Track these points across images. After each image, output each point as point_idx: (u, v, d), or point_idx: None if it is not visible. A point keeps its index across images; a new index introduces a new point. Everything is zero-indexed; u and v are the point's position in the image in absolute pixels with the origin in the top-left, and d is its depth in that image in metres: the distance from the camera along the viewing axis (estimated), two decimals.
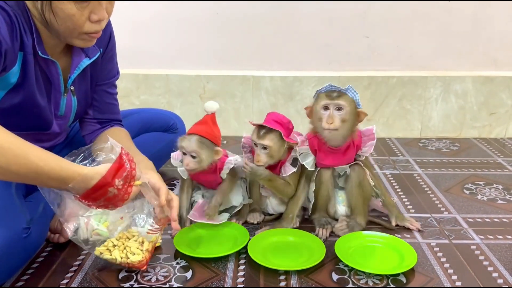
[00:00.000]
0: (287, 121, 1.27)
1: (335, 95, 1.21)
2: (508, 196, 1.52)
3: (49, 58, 1.09)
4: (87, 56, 1.20)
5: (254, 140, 1.25)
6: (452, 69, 2.10)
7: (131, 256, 1.07)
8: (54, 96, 1.17)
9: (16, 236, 1.01)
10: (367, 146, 1.28)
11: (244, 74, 2.11)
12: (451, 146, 2.03)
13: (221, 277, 1.08)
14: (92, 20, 1.04)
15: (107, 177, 0.95)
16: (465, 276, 1.09)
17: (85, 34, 1.06)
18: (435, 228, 1.31)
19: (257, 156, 1.25)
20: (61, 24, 1.02)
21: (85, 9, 1.01)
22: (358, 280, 1.07)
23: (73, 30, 1.04)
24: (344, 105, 1.20)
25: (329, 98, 1.21)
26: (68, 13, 1.00)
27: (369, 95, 2.10)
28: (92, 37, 1.08)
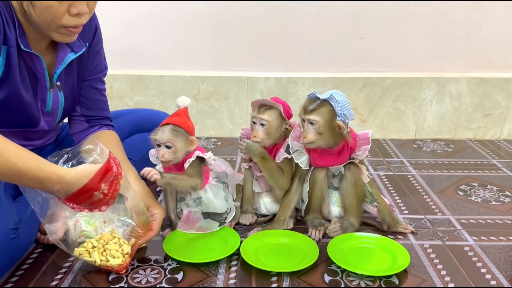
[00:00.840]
0: (288, 105, 1.30)
1: (311, 108, 1.19)
2: (502, 198, 1.52)
3: (32, 52, 1.08)
4: (73, 51, 1.18)
5: (254, 115, 1.27)
6: (446, 70, 2.10)
7: (111, 259, 1.06)
8: (40, 91, 1.16)
9: (4, 237, 1.00)
10: (361, 150, 1.27)
11: (238, 75, 2.10)
12: (445, 147, 2.03)
13: (212, 278, 1.07)
14: (71, 13, 1.01)
15: (94, 180, 0.94)
16: (458, 277, 1.08)
17: (64, 28, 1.04)
18: (429, 230, 1.30)
19: (254, 132, 1.26)
20: (39, 16, 1.00)
21: (64, 2, 0.99)
22: (350, 281, 1.06)
23: (51, 23, 1.02)
24: (316, 120, 1.18)
25: (304, 111, 1.20)
26: (46, 4, 0.98)
27: (363, 96, 2.09)
28: (71, 31, 1.05)
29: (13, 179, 0.89)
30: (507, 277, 1.08)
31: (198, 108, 2.13)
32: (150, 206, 1.20)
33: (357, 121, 2.11)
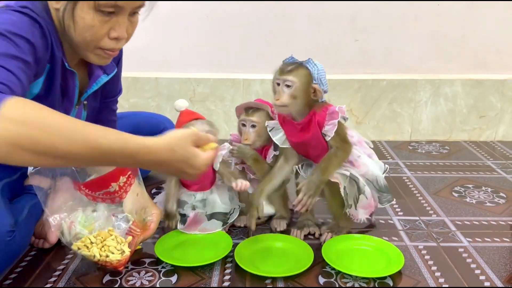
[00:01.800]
0: (271, 104, 1.28)
1: (288, 69, 1.15)
2: (497, 199, 1.52)
3: (71, 69, 1.09)
4: (105, 73, 1.20)
5: (243, 118, 1.26)
6: (442, 72, 2.11)
7: (111, 255, 1.06)
8: (65, 107, 1.16)
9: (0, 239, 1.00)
10: (330, 124, 1.19)
11: (234, 77, 2.10)
12: (440, 149, 2.03)
13: (206, 281, 1.07)
14: (110, 37, 1.03)
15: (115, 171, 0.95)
16: (452, 278, 1.08)
17: (101, 50, 1.05)
18: (423, 231, 1.30)
19: (245, 135, 1.26)
20: (79, 34, 1.01)
21: (106, 24, 1.00)
22: (344, 283, 1.06)
23: (90, 43, 1.02)
24: (294, 81, 1.13)
25: (280, 72, 1.16)
26: (88, 23, 0.99)
27: (359, 98, 2.10)
28: (107, 54, 1.06)
29: (102, 161, 0.83)
30: (500, 278, 1.08)
31: (194, 110, 2.12)
32: (147, 207, 1.20)
33: (353, 123, 2.11)
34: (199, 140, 0.91)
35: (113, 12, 0.99)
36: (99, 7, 0.97)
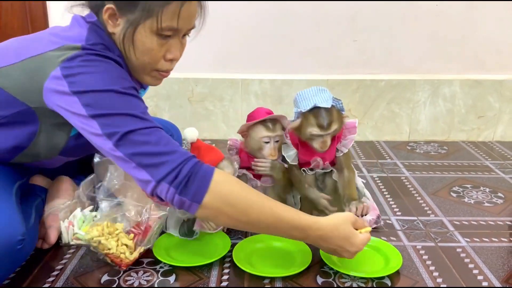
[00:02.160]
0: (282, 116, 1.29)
1: (326, 123, 1.16)
2: (495, 199, 1.52)
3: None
4: (142, 87, 1.21)
5: (266, 135, 1.22)
6: (440, 72, 2.11)
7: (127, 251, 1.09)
8: None
9: (11, 248, 0.99)
10: (347, 139, 1.25)
11: (233, 77, 2.10)
12: (439, 149, 2.03)
13: (204, 281, 1.07)
14: (166, 59, 1.06)
15: None
16: (450, 278, 1.08)
17: (156, 72, 1.08)
18: (421, 231, 1.30)
19: (270, 151, 1.24)
20: (138, 57, 1.04)
21: (163, 46, 1.04)
22: (343, 283, 1.06)
23: (147, 65, 1.06)
24: (336, 129, 1.19)
25: (322, 129, 1.17)
26: (147, 47, 1.03)
27: (357, 98, 2.10)
28: (162, 75, 1.10)
29: (279, 230, 1.00)
30: (498, 278, 1.08)
31: (192, 110, 2.13)
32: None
33: None
34: (356, 223, 1.05)
35: (170, 35, 1.03)
36: (160, 31, 1.01)
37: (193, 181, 0.93)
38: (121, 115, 0.95)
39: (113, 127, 0.94)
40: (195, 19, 1.08)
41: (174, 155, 0.95)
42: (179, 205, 0.96)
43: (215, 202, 0.95)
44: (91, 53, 0.99)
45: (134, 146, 0.94)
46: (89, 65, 0.98)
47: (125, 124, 0.94)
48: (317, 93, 1.19)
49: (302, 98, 1.20)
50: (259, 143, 1.22)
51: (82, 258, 1.16)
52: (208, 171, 0.95)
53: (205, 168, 0.96)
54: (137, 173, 0.96)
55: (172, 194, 0.94)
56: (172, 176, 0.93)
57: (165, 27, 1.00)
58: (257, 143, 1.22)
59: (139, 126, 0.95)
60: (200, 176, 0.94)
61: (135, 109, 0.97)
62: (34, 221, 1.15)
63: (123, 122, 0.95)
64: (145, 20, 0.99)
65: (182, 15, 1.01)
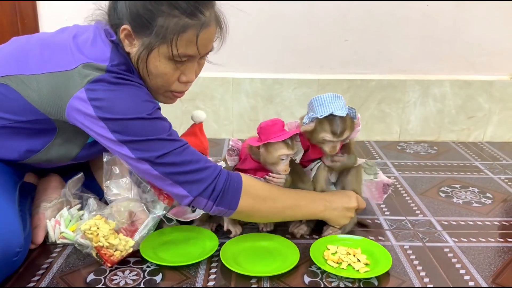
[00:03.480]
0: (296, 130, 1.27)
1: (340, 130, 1.18)
2: (484, 199, 1.53)
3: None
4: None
5: (287, 153, 1.20)
6: (430, 72, 2.11)
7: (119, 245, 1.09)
8: None
9: (8, 259, 0.99)
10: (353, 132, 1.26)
11: (224, 76, 2.10)
12: (429, 149, 2.04)
13: (191, 280, 1.07)
14: (181, 81, 1.07)
15: None
16: (437, 278, 1.09)
17: (170, 93, 1.09)
18: (409, 231, 1.31)
19: (286, 167, 1.22)
20: (151, 80, 1.05)
21: (177, 70, 1.04)
22: (329, 282, 1.06)
23: (161, 87, 1.07)
24: (347, 136, 1.21)
25: (334, 136, 1.19)
26: (161, 71, 1.03)
27: (348, 98, 2.10)
28: (175, 96, 1.11)
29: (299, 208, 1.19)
30: (485, 278, 1.09)
31: (183, 109, 2.12)
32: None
33: None
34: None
35: (185, 60, 1.03)
36: (175, 57, 1.00)
37: (228, 192, 1.05)
38: (150, 140, 0.99)
39: (144, 152, 1.00)
40: (213, 42, 1.09)
41: (207, 171, 1.04)
42: (217, 213, 1.09)
43: (248, 204, 1.09)
44: (116, 77, 1.00)
45: (169, 166, 1.01)
46: (114, 89, 0.99)
47: (156, 149, 1.00)
48: (333, 100, 1.19)
49: (319, 103, 1.20)
50: (276, 159, 1.22)
51: (68, 257, 1.15)
52: (238, 180, 1.08)
53: (235, 178, 1.08)
54: (173, 189, 1.04)
55: (211, 206, 1.06)
56: (209, 192, 1.04)
57: (181, 54, 1.00)
58: (274, 159, 1.21)
59: (170, 149, 1.01)
60: (233, 187, 1.06)
61: (163, 133, 1.01)
62: (29, 227, 1.14)
63: (153, 147, 1.00)
64: (159, 45, 0.99)
65: (199, 43, 1.01)
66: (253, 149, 1.24)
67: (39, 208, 1.24)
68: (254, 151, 1.24)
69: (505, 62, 2.11)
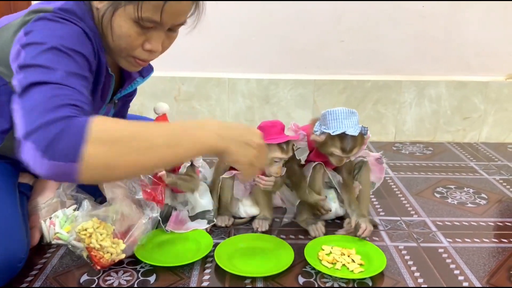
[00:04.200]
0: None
1: (349, 148, 1.18)
2: (478, 200, 1.53)
3: (111, 73, 1.09)
4: (141, 75, 1.19)
5: (280, 157, 1.21)
6: (426, 73, 2.12)
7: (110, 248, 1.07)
8: (98, 104, 1.14)
9: (12, 264, 0.99)
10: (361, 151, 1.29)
11: (219, 76, 2.09)
12: (424, 150, 2.04)
13: (185, 281, 1.06)
14: (145, 48, 1.02)
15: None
16: (431, 279, 1.09)
17: (133, 58, 1.04)
18: (404, 231, 1.31)
19: (278, 169, 1.23)
20: (114, 40, 1.00)
21: (142, 35, 0.99)
22: (324, 283, 1.06)
23: (123, 50, 1.02)
24: (356, 152, 1.21)
25: (344, 152, 1.19)
26: (125, 32, 0.98)
27: (344, 99, 2.10)
28: (138, 63, 1.06)
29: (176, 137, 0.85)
30: (479, 279, 1.09)
31: (178, 109, 2.12)
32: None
33: None
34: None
35: (151, 26, 0.99)
36: (139, 20, 0.96)
37: (62, 139, 0.74)
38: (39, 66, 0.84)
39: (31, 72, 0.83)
40: (185, 16, 1.04)
41: (58, 111, 0.78)
42: (54, 174, 0.76)
43: (99, 153, 0.76)
44: (59, 16, 0.93)
45: (32, 90, 0.81)
46: (52, 24, 0.91)
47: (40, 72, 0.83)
48: (347, 117, 1.18)
49: (333, 118, 1.19)
50: (269, 160, 1.23)
51: (62, 258, 1.15)
52: (81, 124, 0.76)
53: (78, 122, 0.77)
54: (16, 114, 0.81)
55: (39, 160, 0.75)
56: (39, 135, 0.75)
57: (145, 18, 0.95)
58: (267, 159, 1.22)
59: (47, 79, 0.82)
60: (71, 132, 0.75)
61: (61, 68, 0.85)
62: (29, 230, 1.14)
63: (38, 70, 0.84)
64: (126, 4, 0.94)
65: (166, 10, 0.96)
66: None
67: (35, 209, 1.23)
68: None
69: (500, 63, 2.12)
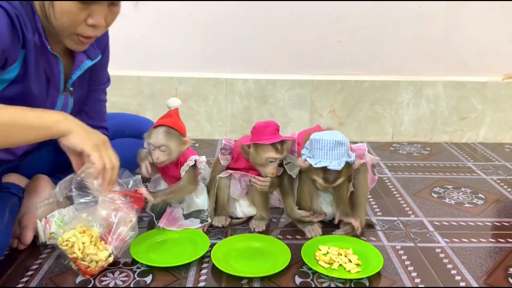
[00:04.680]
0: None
1: (332, 179, 1.17)
2: (476, 200, 1.53)
3: (52, 53, 1.08)
4: (89, 58, 1.19)
5: (274, 157, 1.22)
6: (423, 74, 2.12)
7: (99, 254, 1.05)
8: (52, 94, 1.15)
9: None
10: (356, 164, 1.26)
11: (217, 76, 2.09)
12: (422, 150, 2.04)
13: (182, 281, 1.06)
14: (87, 23, 1.02)
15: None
16: (428, 279, 1.08)
17: (76, 36, 1.04)
18: (401, 231, 1.30)
19: (273, 170, 1.24)
20: (57, 19, 1.01)
21: (84, 10, 1.00)
22: (321, 283, 1.06)
23: (66, 28, 1.02)
24: (340, 182, 1.19)
25: (326, 182, 1.17)
26: (66, 9, 0.99)
27: (342, 99, 2.10)
28: (82, 41, 1.06)
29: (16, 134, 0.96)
30: (476, 279, 1.09)
31: None
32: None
33: (335, 124, 2.11)
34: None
35: (91, 1, 0.99)
36: None
37: None
38: None
39: None
40: None
41: None
42: None
43: None
44: None
45: None
46: None
47: None
48: (334, 147, 1.14)
49: (318, 147, 1.15)
50: (264, 161, 1.23)
51: (57, 258, 1.14)
52: None
53: None
54: None
55: None
56: None
57: None
58: (262, 160, 1.23)
59: None
60: None
61: None
62: (7, 220, 1.13)
63: None
64: None
65: None
66: (244, 148, 1.26)
67: (29, 209, 1.23)
68: (245, 150, 1.26)
69: (498, 63, 2.12)
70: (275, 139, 1.21)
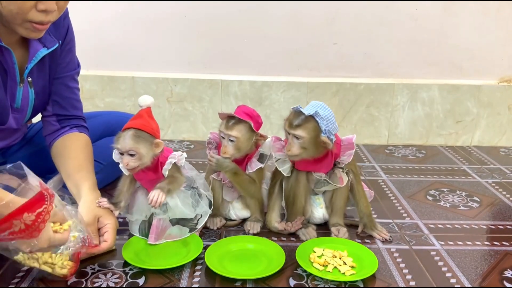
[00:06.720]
0: (257, 114, 1.26)
1: (296, 123, 1.16)
2: (471, 203, 1.53)
3: (2, 45, 1.06)
4: (45, 46, 1.16)
5: (222, 130, 1.21)
6: (419, 77, 2.12)
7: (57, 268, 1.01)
8: (10, 86, 1.13)
9: None
10: (346, 155, 1.26)
11: (212, 78, 2.08)
12: (417, 153, 2.04)
13: (175, 283, 1.05)
14: (38, 9, 0.99)
15: (18, 210, 0.88)
16: (423, 281, 1.08)
17: (29, 23, 1.01)
18: (396, 234, 1.30)
19: (224, 148, 1.22)
20: (4, 7, 0.98)
21: None
22: (315, 285, 1.05)
23: (16, 16, 0.99)
24: (301, 136, 1.16)
25: (289, 126, 1.18)
26: None
27: (337, 101, 2.10)
28: (36, 28, 1.02)
29: None
30: (471, 281, 1.08)
31: (171, 110, 2.11)
32: (101, 216, 1.15)
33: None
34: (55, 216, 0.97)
35: None
36: None
37: None
38: None
39: None
40: None
41: None
42: None
43: None
44: None
45: None
46: None
47: None
48: (320, 105, 1.20)
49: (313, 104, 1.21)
50: (220, 136, 1.24)
51: None
52: None
53: None
54: None
55: None
56: None
57: None
58: (219, 136, 1.25)
59: None
60: None
61: None
62: None
63: None
64: None
65: None
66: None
67: None
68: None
69: (493, 66, 2.12)
70: (229, 114, 1.22)
